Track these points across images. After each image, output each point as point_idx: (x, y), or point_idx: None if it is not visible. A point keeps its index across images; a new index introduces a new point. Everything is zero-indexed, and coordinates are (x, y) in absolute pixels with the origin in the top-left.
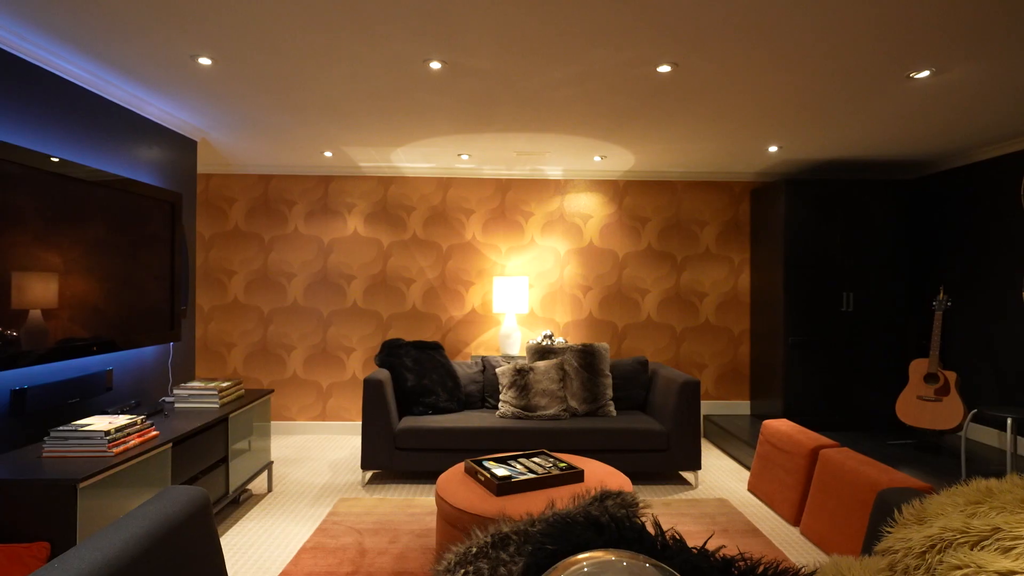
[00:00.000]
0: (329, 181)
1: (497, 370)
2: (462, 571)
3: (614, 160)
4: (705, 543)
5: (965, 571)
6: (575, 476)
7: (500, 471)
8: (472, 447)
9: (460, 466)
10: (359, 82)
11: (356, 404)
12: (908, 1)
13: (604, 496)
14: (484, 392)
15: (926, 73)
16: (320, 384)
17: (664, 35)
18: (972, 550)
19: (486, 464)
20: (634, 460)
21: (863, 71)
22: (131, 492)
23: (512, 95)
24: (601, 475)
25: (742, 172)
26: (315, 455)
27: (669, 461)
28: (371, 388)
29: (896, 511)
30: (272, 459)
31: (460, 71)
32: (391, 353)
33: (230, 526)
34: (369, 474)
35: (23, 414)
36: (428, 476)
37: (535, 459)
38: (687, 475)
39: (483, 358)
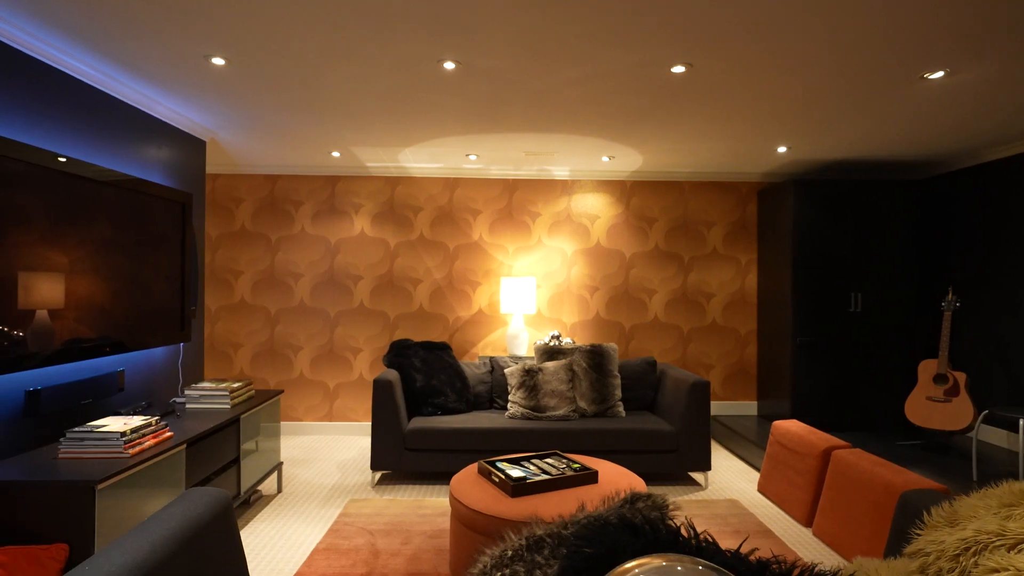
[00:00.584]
0: (336, 181)
1: (506, 371)
2: (498, 574)
3: (622, 160)
4: (740, 546)
5: (1003, 574)
6: (589, 477)
7: (514, 472)
8: (482, 448)
9: (473, 467)
10: (371, 82)
11: (363, 404)
12: (923, 1)
13: (635, 498)
14: (492, 393)
15: (940, 74)
16: (327, 384)
17: (679, 35)
18: (1009, 552)
19: (499, 465)
20: (644, 461)
21: (877, 71)
22: (147, 493)
23: (524, 95)
24: (614, 476)
25: (749, 172)
26: (323, 456)
27: (679, 462)
28: (381, 389)
29: (925, 513)
30: (282, 460)
31: (473, 71)
32: (400, 354)
33: (242, 527)
34: (378, 475)
35: (37, 415)
36: (437, 477)
37: (548, 460)
38: (696, 476)
39: (491, 359)
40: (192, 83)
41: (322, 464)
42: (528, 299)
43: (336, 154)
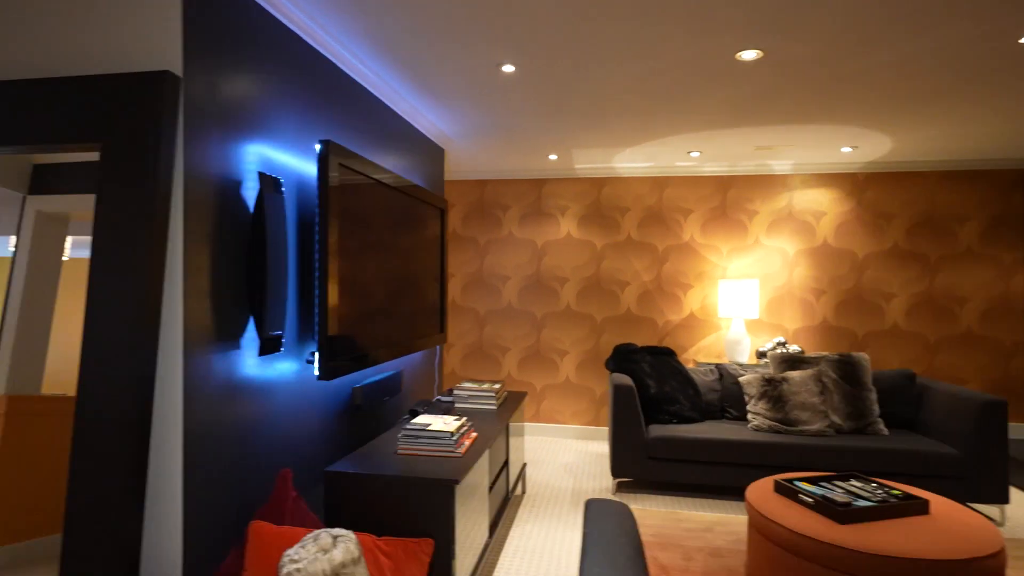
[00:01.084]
0: (542, 184)
1: (741, 379)
2: None
3: (864, 149)
4: None
5: None
6: (919, 507)
7: (828, 494)
8: (725, 460)
9: (765, 483)
10: (652, 79)
11: (569, 407)
12: None
13: None
14: (723, 402)
15: None
16: (534, 386)
17: None
18: None
19: (802, 485)
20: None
21: None
22: (467, 492)
23: (819, 82)
24: (939, 505)
25: (1010, 159)
26: (543, 458)
27: (964, 491)
28: (621, 394)
29: None
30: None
31: (773, 62)
32: (625, 358)
33: (511, 529)
34: (616, 481)
35: (357, 410)
36: (677, 488)
37: (852, 482)
38: (986, 509)
39: (717, 365)
40: (472, 92)
41: (548, 466)
42: (750, 303)
43: (553, 156)
